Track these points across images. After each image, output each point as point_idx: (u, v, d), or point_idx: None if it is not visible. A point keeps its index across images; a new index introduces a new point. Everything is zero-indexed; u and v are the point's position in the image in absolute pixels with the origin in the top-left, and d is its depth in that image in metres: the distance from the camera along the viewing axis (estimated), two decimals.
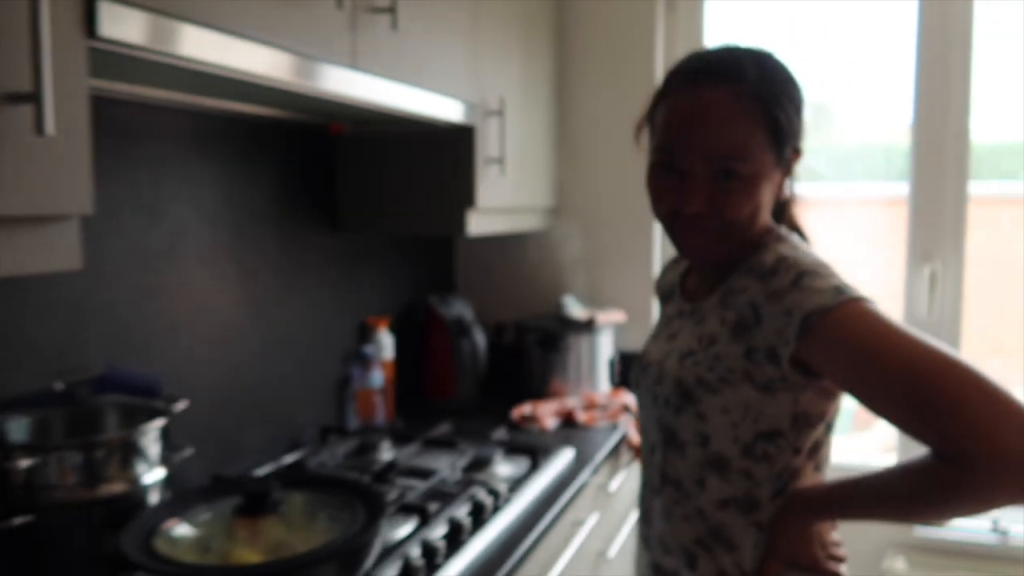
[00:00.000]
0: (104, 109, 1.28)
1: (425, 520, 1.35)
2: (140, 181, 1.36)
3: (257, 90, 1.22)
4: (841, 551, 1.03)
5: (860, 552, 2.08)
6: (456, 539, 1.32)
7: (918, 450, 0.89)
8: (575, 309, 2.21)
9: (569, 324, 2.17)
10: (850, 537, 1.43)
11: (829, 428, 1.04)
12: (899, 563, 2.01)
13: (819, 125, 2.33)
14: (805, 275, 0.95)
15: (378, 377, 1.96)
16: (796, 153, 1.04)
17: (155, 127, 1.38)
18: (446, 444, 1.75)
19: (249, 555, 1.04)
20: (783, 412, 0.98)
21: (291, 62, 1.13)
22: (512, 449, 1.74)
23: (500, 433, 1.88)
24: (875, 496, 0.95)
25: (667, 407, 1.04)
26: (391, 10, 1.31)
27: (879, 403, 0.90)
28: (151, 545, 1.03)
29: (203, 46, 0.97)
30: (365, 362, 1.94)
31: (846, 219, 2.38)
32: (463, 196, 1.77)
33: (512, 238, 2.39)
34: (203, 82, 1.17)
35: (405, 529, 1.32)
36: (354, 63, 1.26)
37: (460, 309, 2.23)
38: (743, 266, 1.03)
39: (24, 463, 1.03)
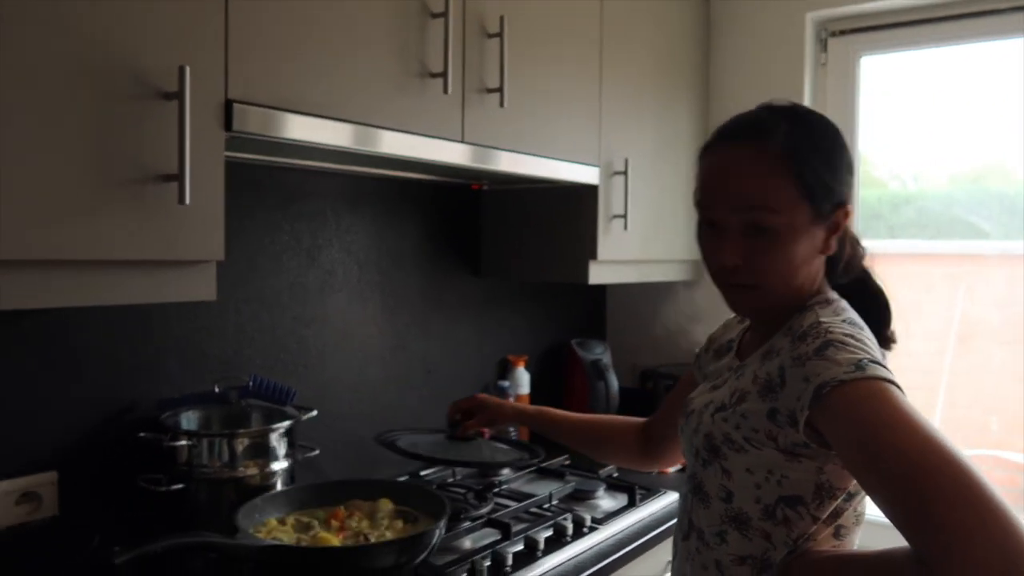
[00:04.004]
0: (275, 175, 1.63)
1: (506, 535, 1.51)
2: (301, 231, 1.69)
3: (384, 160, 1.50)
4: None
5: None
6: (530, 556, 1.47)
7: None
8: None
9: None
10: None
11: (852, 496, 1.03)
12: None
13: (982, 178, 2.19)
14: (831, 345, 0.94)
15: None
16: (842, 209, 1.04)
17: (315, 188, 1.71)
18: (556, 474, 1.90)
19: (332, 540, 1.27)
20: (807, 479, 0.98)
21: (403, 139, 1.38)
22: (613, 485, 1.85)
23: (611, 469, 1.99)
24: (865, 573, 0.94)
25: (697, 458, 1.08)
26: (499, 90, 1.54)
27: (869, 485, 0.88)
28: (264, 520, 1.31)
29: (332, 134, 1.25)
30: (501, 394, 2.15)
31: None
32: (586, 248, 1.93)
33: (660, 287, 2.49)
34: (347, 156, 1.47)
35: (486, 540, 1.50)
36: (462, 138, 1.49)
37: (600, 353, 2.37)
38: (785, 327, 1.05)
39: (186, 444, 1.36)
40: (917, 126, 2.21)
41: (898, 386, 0.90)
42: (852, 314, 1.04)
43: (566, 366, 2.40)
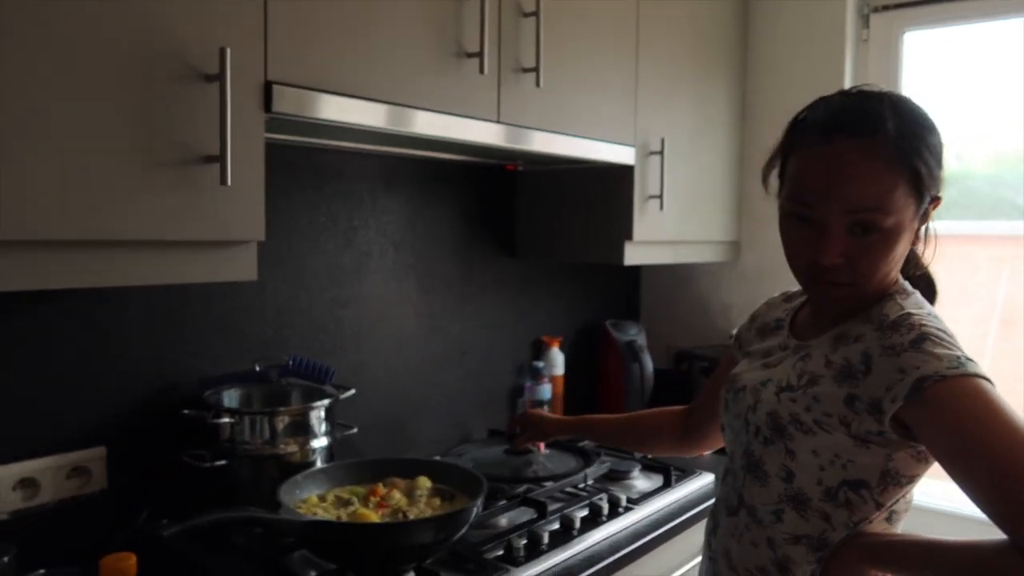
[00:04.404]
0: (311, 156, 1.65)
1: (542, 514, 1.53)
2: (337, 212, 1.71)
3: (424, 141, 1.50)
4: None
5: None
6: (565, 535, 1.48)
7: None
8: None
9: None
10: None
11: (909, 484, 1.02)
12: None
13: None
14: (927, 339, 0.94)
15: (547, 390, 2.16)
16: (936, 201, 1.02)
17: (351, 169, 1.72)
18: (592, 455, 1.90)
19: (371, 516, 1.29)
20: (873, 466, 0.98)
21: (440, 120, 1.39)
22: (648, 467, 1.85)
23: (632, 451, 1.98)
24: (940, 563, 0.93)
25: (756, 436, 1.07)
26: (535, 69, 1.53)
27: (966, 480, 0.89)
28: (304, 496, 1.34)
29: (369, 114, 1.26)
30: (536, 375, 2.16)
31: None
32: (622, 229, 1.92)
33: (695, 268, 2.48)
34: (384, 137, 1.48)
35: (522, 519, 1.51)
36: (497, 118, 1.49)
37: (634, 334, 2.36)
38: (863, 314, 1.03)
39: (228, 421, 1.39)
40: (960, 104, 2.15)
41: (992, 383, 0.91)
42: (931, 307, 1.04)
43: (600, 347, 2.40)
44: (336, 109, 1.21)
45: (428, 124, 1.37)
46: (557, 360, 2.23)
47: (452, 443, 1.96)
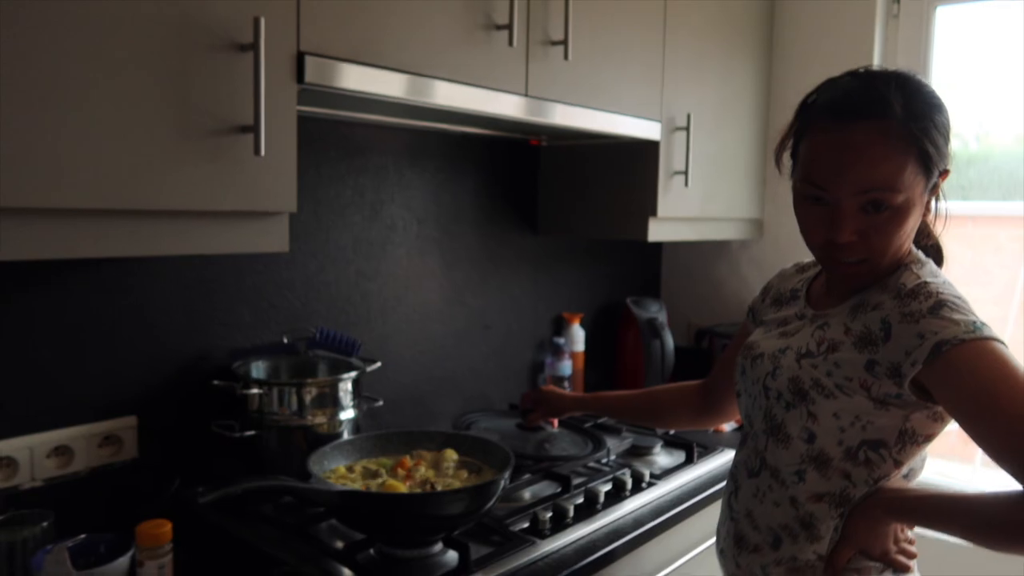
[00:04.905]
0: (340, 129, 1.64)
1: (567, 488, 1.53)
2: (364, 186, 1.71)
3: (451, 114, 1.49)
4: (913, 548, 1.08)
5: None
6: (589, 509, 1.49)
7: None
8: None
9: None
10: None
11: (926, 442, 1.07)
12: None
13: None
14: (944, 305, 0.98)
15: (567, 366, 2.17)
16: (944, 173, 1.05)
17: (376, 143, 1.72)
18: (613, 431, 1.91)
19: (400, 487, 1.30)
20: (892, 426, 1.03)
21: (466, 93, 1.38)
22: (670, 443, 1.85)
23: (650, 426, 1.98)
24: (958, 514, 0.98)
25: (778, 401, 1.11)
26: (563, 43, 1.52)
27: (984, 436, 0.93)
28: (332, 467, 1.35)
29: (398, 86, 1.26)
30: (557, 351, 2.16)
31: None
32: (646, 205, 1.91)
33: (717, 245, 2.47)
34: (411, 109, 1.47)
35: (546, 492, 1.52)
36: (525, 91, 1.48)
37: (655, 311, 2.36)
38: (880, 283, 1.07)
39: (257, 392, 1.40)
40: (987, 83, 2.11)
41: (1006, 346, 0.96)
42: (944, 275, 1.08)
43: (620, 324, 2.40)
44: (367, 80, 1.21)
45: (458, 97, 1.36)
46: (578, 336, 2.23)
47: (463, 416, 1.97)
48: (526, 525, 1.40)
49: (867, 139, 0.97)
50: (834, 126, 1.00)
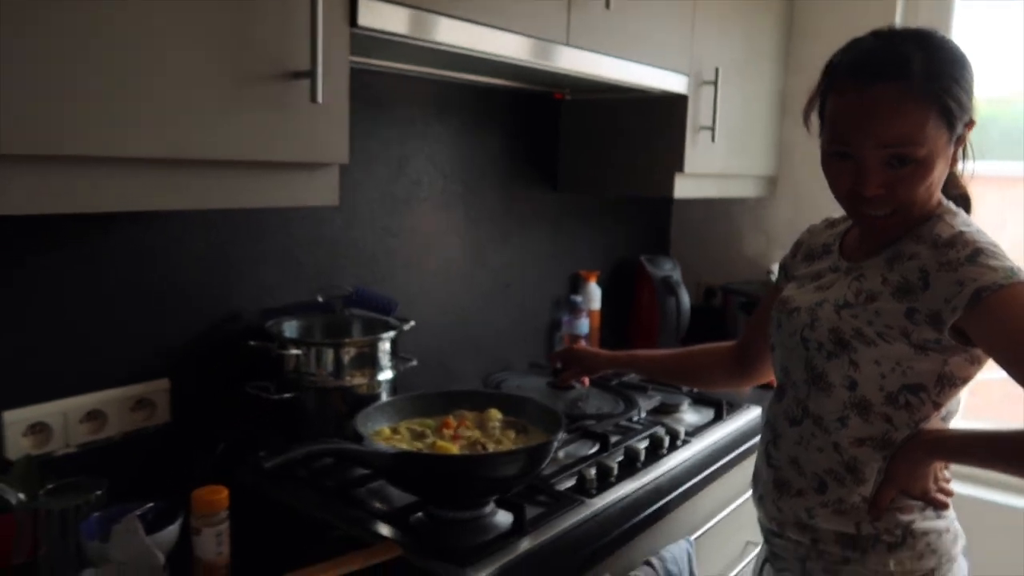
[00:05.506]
0: (363, 78, 1.57)
1: (605, 447, 1.52)
2: (390, 139, 1.64)
3: (485, 63, 1.43)
4: (950, 487, 1.14)
5: None
6: (630, 467, 1.48)
7: None
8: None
9: None
10: None
11: (963, 385, 1.10)
12: None
13: None
14: (982, 253, 1.02)
15: (584, 324, 2.14)
16: (970, 124, 1.07)
17: (403, 93, 1.65)
18: (639, 389, 1.89)
19: (451, 448, 1.27)
20: (931, 370, 1.06)
21: (511, 41, 1.32)
22: (698, 400, 1.85)
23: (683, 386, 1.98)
24: (997, 449, 1.04)
25: (819, 351, 1.13)
26: None
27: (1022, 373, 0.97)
28: (376, 428, 1.31)
29: (446, 31, 1.20)
30: (574, 310, 2.13)
31: None
32: (673, 161, 1.88)
33: (727, 204, 2.45)
34: (444, 58, 1.41)
35: (581, 451, 1.51)
36: (567, 40, 1.43)
37: (669, 270, 2.34)
38: (913, 234, 1.10)
39: (295, 353, 1.35)
40: (1006, 42, 2.10)
41: None
42: (976, 224, 1.10)
43: (635, 282, 2.38)
44: (419, 26, 1.15)
45: (510, 46, 1.32)
46: (595, 294, 2.21)
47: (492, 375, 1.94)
48: (571, 484, 1.39)
49: (888, 97, 1.01)
50: (856, 86, 1.03)
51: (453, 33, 1.22)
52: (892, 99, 1.01)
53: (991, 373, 1.07)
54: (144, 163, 0.90)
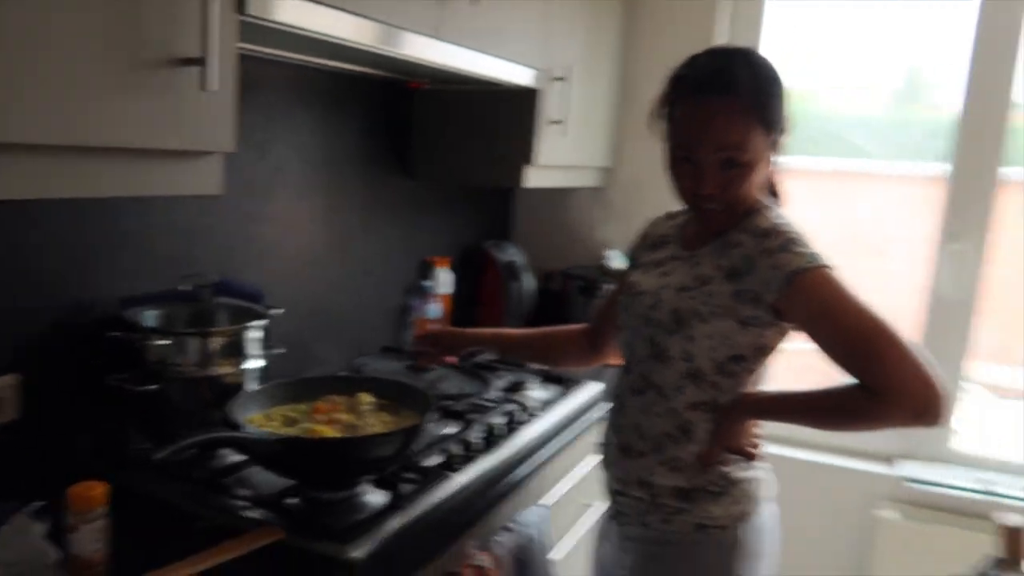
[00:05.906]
0: None
1: (467, 424, 1.61)
2: (254, 123, 1.61)
3: (349, 51, 1.44)
4: (758, 442, 1.34)
5: (852, 503, 2.29)
6: (491, 440, 1.57)
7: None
8: (617, 262, 2.42)
9: (610, 274, 2.39)
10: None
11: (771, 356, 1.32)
12: (890, 514, 2.21)
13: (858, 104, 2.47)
14: (793, 242, 1.23)
15: (434, 308, 2.21)
16: (783, 133, 1.27)
17: (267, 77, 1.63)
18: (489, 369, 1.99)
19: (327, 432, 1.30)
20: (750, 343, 1.26)
21: (379, 30, 1.35)
22: (546, 378, 1.98)
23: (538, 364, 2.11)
24: (804, 406, 1.27)
25: (661, 328, 1.30)
26: None
27: (828, 347, 1.19)
28: (248, 416, 1.31)
29: (332, 22, 1.22)
30: (423, 294, 2.20)
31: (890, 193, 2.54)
32: (523, 153, 1.98)
33: (567, 193, 2.60)
34: (312, 45, 1.41)
35: (449, 430, 1.58)
36: (437, 33, 1.48)
37: (514, 255, 2.46)
38: (738, 226, 1.29)
39: (157, 343, 1.31)
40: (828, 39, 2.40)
41: (836, 269, 1.20)
42: (786, 216, 1.30)
43: (482, 267, 2.47)
44: (306, 16, 1.16)
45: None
46: (444, 279, 2.27)
47: (349, 360, 1.97)
48: (439, 460, 1.46)
49: (721, 109, 1.21)
50: (696, 99, 1.24)
51: (339, 24, 1.24)
52: (725, 110, 1.21)
53: (795, 344, 1.29)
54: (27, 149, 0.86)
